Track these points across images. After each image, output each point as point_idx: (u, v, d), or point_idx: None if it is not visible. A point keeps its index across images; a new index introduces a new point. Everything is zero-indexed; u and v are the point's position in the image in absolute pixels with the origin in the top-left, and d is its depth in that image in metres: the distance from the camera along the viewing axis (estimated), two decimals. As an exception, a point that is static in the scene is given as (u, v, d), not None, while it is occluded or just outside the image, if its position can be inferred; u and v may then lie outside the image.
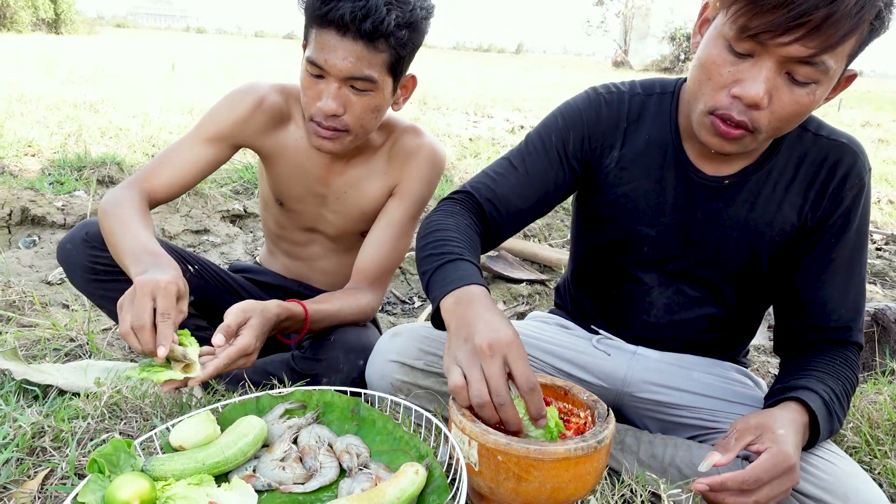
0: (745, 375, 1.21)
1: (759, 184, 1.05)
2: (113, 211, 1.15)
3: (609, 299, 1.21)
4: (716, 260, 1.09)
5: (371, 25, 1.07)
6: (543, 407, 0.82)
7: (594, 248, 1.20)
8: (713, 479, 0.80)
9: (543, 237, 3.08)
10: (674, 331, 1.17)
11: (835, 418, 0.92)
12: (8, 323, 1.60)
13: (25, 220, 2.50)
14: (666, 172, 1.08)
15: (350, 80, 1.13)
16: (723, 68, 0.88)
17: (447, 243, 0.99)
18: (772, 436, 0.83)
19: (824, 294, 1.04)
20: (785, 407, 0.90)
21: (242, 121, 1.30)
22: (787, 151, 1.04)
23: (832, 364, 0.99)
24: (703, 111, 0.93)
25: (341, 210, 1.40)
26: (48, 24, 21.44)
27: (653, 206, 1.09)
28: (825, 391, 0.93)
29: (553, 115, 1.15)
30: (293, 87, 1.34)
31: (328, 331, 1.26)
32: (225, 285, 1.44)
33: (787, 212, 1.05)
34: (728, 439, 0.85)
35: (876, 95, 18.94)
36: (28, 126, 3.94)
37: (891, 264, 3.11)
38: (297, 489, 0.88)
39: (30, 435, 1.01)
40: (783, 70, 0.85)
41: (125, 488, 0.76)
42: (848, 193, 1.02)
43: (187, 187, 1.30)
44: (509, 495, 0.82)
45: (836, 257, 1.03)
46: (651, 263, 1.13)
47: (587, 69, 29.98)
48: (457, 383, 0.80)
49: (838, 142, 1.03)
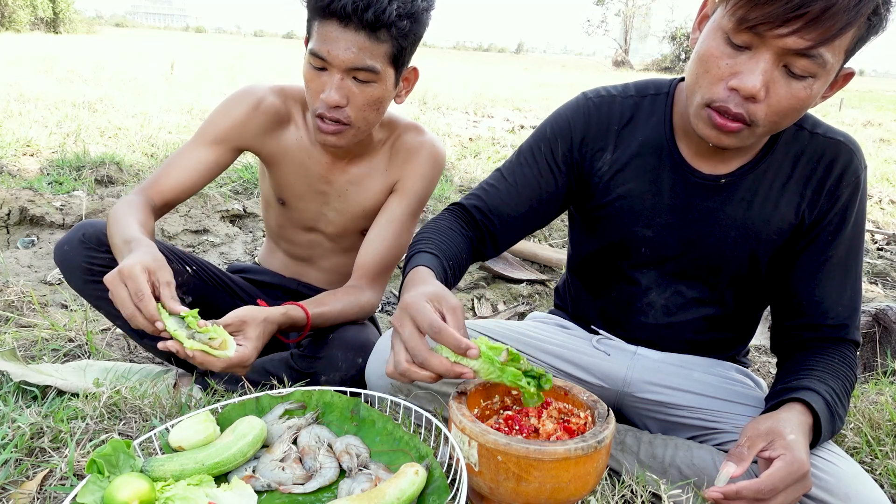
0: (745, 375, 1.21)
1: (756, 182, 1.05)
2: (113, 215, 1.18)
3: (607, 301, 1.21)
4: (713, 260, 1.09)
5: (373, 15, 1.08)
6: (462, 339, 0.82)
7: (591, 250, 1.20)
8: (728, 487, 0.80)
9: (543, 237, 3.08)
10: (672, 331, 1.17)
11: (836, 418, 0.93)
12: (6, 323, 1.60)
13: (24, 220, 2.49)
14: (661, 173, 1.08)
15: (353, 72, 1.14)
16: (720, 60, 0.89)
17: (416, 244, 1.06)
18: (783, 442, 0.83)
19: (821, 292, 1.04)
20: (790, 409, 0.90)
21: (241, 123, 1.31)
22: (784, 149, 1.04)
23: (831, 362, 0.99)
24: (700, 104, 0.93)
25: (343, 208, 1.40)
26: (47, 23, 21.44)
27: (649, 206, 1.09)
28: (827, 391, 0.92)
29: (543, 124, 1.17)
30: (291, 88, 1.35)
31: (327, 329, 1.26)
32: (223, 286, 1.44)
33: (784, 210, 1.04)
34: (740, 448, 0.85)
35: (877, 95, 18.94)
36: (27, 126, 3.94)
37: (892, 264, 3.10)
38: (297, 489, 0.87)
39: (29, 435, 1.01)
40: (781, 63, 0.86)
41: (124, 489, 0.76)
42: (844, 191, 1.02)
43: (191, 191, 1.31)
44: (509, 495, 0.82)
45: (832, 255, 1.04)
46: (648, 264, 1.13)
47: (587, 69, 29.99)
48: (389, 370, 0.85)
49: (834, 139, 1.04)
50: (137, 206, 1.20)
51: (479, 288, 2.37)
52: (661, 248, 1.11)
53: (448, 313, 0.85)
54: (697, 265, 1.11)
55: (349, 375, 1.21)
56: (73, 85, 6.21)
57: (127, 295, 0.96)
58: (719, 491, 0.80)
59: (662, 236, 1.10)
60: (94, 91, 5.76)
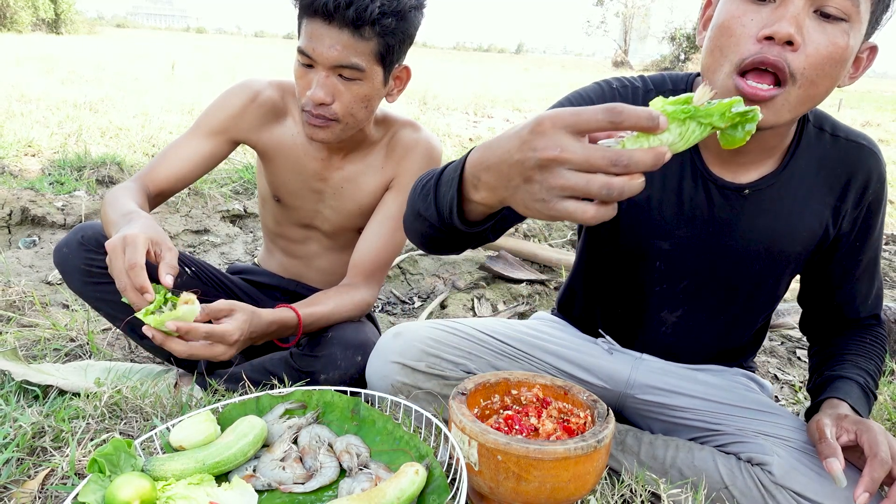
0: (750, 379, 1.21)
1: (780, 192, 1.01)
2: (109, 197, 1.17)
3: (613, 315, 1.18)
4: (733, 279, 1.06)
5: (354, 13, 1.09)
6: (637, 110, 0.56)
7: (601, 262, 1.15)
8: (866, 485, 0.81)
9: (543, 237, 3.08)
10: (681, 348, 1.15)
11: (870, 396, 1.01)
12: (8, 323, 1.60)
13: (25, 221, 2.49)
14: (683, 181, 1.02)
15: (338, 69, 1.15)
16: (745, 17, 0.82)
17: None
18: (849, 420, 0.90)
19: (853, 292, 1.09)
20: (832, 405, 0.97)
21: (237, 115, 1.32)
22: (807, 154, 1.01)
23: (863, 343, 1.07)
24: (728, 73, 0.85)
25: (338, 206, 1.40)
26: (48, 24, 21.43)
27: (669, 217, 1.03)
28: (859, 375, 1.01)
29: (560, 101, 1.07)
30: (289, 83, 1.35)
31: (326, 327, 1.27)
32: (222, 286, 1.44)
33: (809, 222, 1.02)
34: (824, 443, 0.87)
35: (876, 95, 18.93)
36: (28, 126, 3.94)
37: (891, 264, 3.10)
38: (297, 489, 0.88)
39: (30, 435, 1.01)
40: (812, 7, 0.80)
41: (125, 488, 0.76)
42: (870, 197, 1.03)
43: (186, 182, 1.32)
44: (509, 495, 0.82)
45: (862, 259, 1.06)
46: (663, 280, 1.08)
47: (587, 69, 29.95)
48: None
49: (856, 143, 1.02)
50: (134, 191, 1.20)
51: (479, 288, 2.37)
52: (677, 264, 1.06)
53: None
54: (714, 285, 1.07)
55: (349, 374, 1.22)
56: (75, 85, 6.22)
57: (122, 265, 0.93)
58: (865, 492, 0.81)
59: (680, 250, 1.05)
60: (96, 91, 5.77)
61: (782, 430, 1.04)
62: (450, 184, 0.73)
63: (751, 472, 1.00)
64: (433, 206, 0.77)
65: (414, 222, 0.86)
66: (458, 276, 2.50)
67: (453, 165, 0.75)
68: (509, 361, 1.17)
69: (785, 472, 0.97)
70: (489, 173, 0.64)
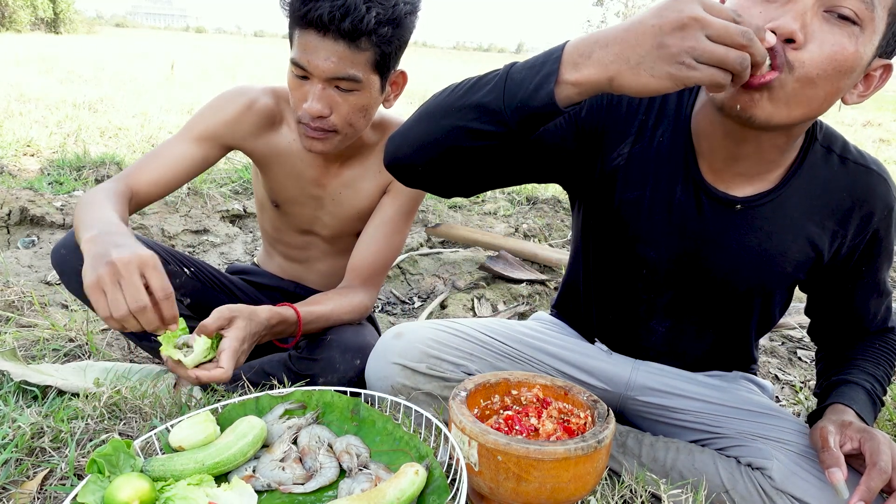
0: (750, 381, 1.20)
1: (775, 210, 0.96)
2: (85, 198, 1.12)
3: (608, 321, 1.17)
4: (719, 296, 1.04)
5: (350, 24, 1.06)
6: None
7: (595, 260, 1.13)
8: (863, 492, 0.81)
9: (543, 237, 3.08)
10: (675, 356, 1.15)
11: (877, 402, 1.00)
12: (7, 323, 1.60)
13: (24, 220, 2.49)
14: (675, 186, 0.98)
15: (334, 81, 1.12)
16: (753, 10, 0.80)
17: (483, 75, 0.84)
18: (853, 428, 0.89)
19: (862, 310, 1.08)
20: (836, 411, 0.97)
21: (232, 122, 1.29)
22: (810, 173, 0.96)
23: (871, 350, 1.07)
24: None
25: (337, 211, 1.39)
26: (47, 23, 21.43)
27: (657, 221, 1.00)
28: (865, 380, 1.00)
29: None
30: (284, 89, 1.33)
31: (324, 330, 1.26)
32: (221, 287, 1.43)
33: (801, 245, 0.98)
34: (826, 453, 0.87)
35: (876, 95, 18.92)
36: (27, 126, 3.94)
37: (890, 264, 3.11)
38: (297, 489, 0.87)
39: (29, 435, 1.01)
40: (822, 7, 0.77)
41: (125, 489, 0.76)
42: (876, 227, 0.99)
43: (172, 186, 1.26)
44: (509, 495, 0.82)
45: (868, 280, 1.05)
46: (649, 290, 1.06)
47: (587, 69, 29.85)
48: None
49: (865, 167, 0.97)
50: (112, 193, 1.13)
51: (479, 288, 2.37)
52: (661, 276, 1.04)
53: None
54: (700, 301, 1.05)
55: (347, 377, 1.21)
56: (74, 85, 6.22)
57: (143, 284, 0.88)
58: (860, 502, 0.81)
59: (664, 263, 1.02)
60: (95, 91, 5.77)
61: (782, 434, 1.04)
62: (540, 67, 0.74)
63: (751, 476, 1.00)
64: (491, 95, 0.77)
65: (439, 121, 0.83)
66: (458, 276, 2.50)
67: (539, 57, 0.75)
68: (510, 363, 1.17)
69: (785, 477, 0.97)
70: (606, 49, 0.69)
